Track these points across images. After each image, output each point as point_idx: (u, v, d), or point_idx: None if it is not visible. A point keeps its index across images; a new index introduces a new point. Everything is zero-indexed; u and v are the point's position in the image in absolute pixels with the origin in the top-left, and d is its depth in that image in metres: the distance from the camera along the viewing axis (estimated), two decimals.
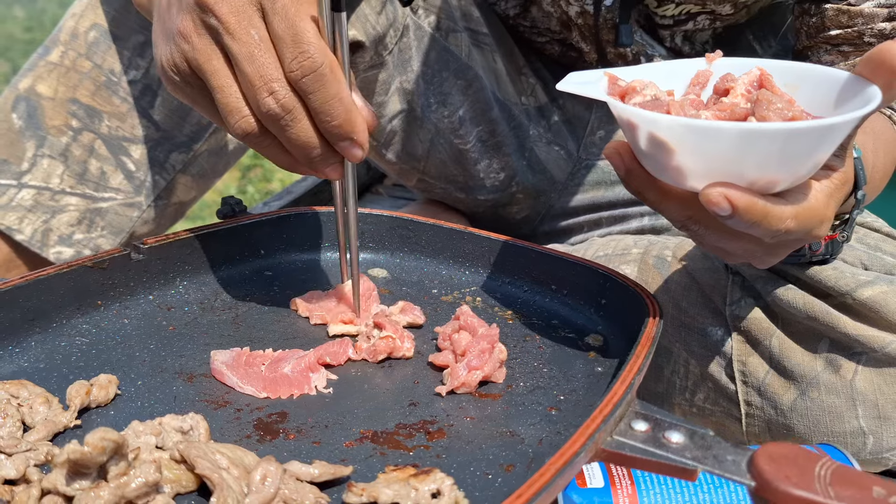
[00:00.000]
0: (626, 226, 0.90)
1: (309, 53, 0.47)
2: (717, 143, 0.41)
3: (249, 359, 0.54)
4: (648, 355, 0.47)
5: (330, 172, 0.52)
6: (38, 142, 0.78)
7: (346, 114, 0.49)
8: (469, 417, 0.50)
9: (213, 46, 0.48)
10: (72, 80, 0.79)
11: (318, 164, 0.51)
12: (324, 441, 0.47)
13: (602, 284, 0.61)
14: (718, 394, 0.71)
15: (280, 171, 2.32)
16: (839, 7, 0.73)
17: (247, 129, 0.49)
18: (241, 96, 0.49)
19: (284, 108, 0.48)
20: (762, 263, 0.52)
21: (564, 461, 0.37)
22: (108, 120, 0.79)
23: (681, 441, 0.40)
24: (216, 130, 0.84)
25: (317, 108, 0.48)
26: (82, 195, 0.80)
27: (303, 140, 0.49)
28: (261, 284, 0.67)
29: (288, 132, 0.49)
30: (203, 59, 0.48)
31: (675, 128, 0.42)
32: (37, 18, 4.58)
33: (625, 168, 0.48)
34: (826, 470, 0.37)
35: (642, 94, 0.48)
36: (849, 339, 0.65)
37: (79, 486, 0.38)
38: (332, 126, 0.49)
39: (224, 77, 0.48)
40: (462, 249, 0.69)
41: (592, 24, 0.82)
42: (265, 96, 0.47)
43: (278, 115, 0.48)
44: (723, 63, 0.51)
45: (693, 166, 0.43)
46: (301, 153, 0.50)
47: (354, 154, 0.51)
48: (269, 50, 0.48)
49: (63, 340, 0.56)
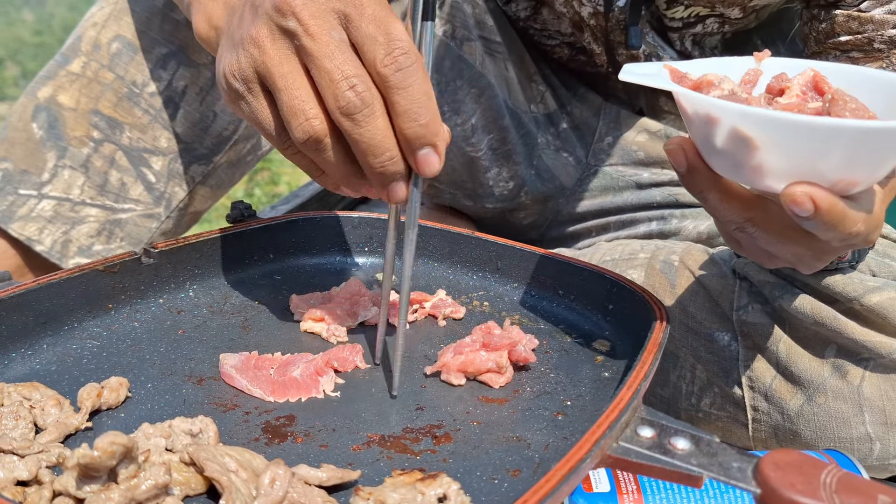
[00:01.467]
0: (634, 230, 0.90)
1: (403, 49, 0.46)
2: (813, 140, 0.40)
3: (258, 362, 0.55)
4: (655, 361, 0.47)
5: (395, 191, 0.48)
6: (59, 152, 0.78)
7: (433, 116, 0.46)
8: (476, 422, 0.50)
9: (286, 51, 0.47)
10: (94, 91, 0.79)
11: (385, 176, 0.48)
12: (331, 445, 0.47)
13: (609, 290, 0.61)
14: (725, 399, 0.71)
15: (287, 174, 2.33)
16: (849, 13, 0.73)
17: (311, 132, 0.47)
18: (310, 97, 0.47)
19: (364, 102, 0.45)
20: (808, 269, 0.52)
21: (570, 467, 0.37)
22: (130, 131, 0.80)
23: (686, 447, 0.40)
24: (235, 143, 0.84)
25: (404, 107, 0.46)
26: (102, 206, 0.80)
27: (377, 139, 0.46)
28: (270, 288, 0.67)
29: (363, 128, 0.46)
30: (274, 63, 0.47)
31: (770, 123, 0.40)
32: (45, 22, 4.61)
33: (687, 165, 0.47)
34: (832, 477, 0.37)
35: (720, 87, 0.46)
36: (856, 344, 0.65)
37: (89, 489, 0.38)
38: (416, 126, 0.46)
39: (294, 78, 0.47)
40: (469, 254, 0.69)
41: (604, 25, 0.82)
42: (345, 89, 0.45)
43: (357, 107, 0.45)
44: (772, 63, 0.50)
45: (776, 164, 0.42)
46: (372, 158, 0.47)
47: (432, 165, 0.47)
48: (349, 50, 0.46)
49: (74, 343, 0.57)
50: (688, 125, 0.47)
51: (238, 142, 0.84)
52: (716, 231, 0.87)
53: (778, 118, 0.40)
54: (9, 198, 0.78)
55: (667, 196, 0.90)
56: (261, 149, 0.89)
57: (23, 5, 4.90)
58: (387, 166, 0.47)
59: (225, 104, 0.53)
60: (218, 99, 0.82)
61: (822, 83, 0.46)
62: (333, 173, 0.50)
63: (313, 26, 0.46)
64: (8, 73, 3.60)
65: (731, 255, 0.75)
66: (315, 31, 0.46)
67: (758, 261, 0.53)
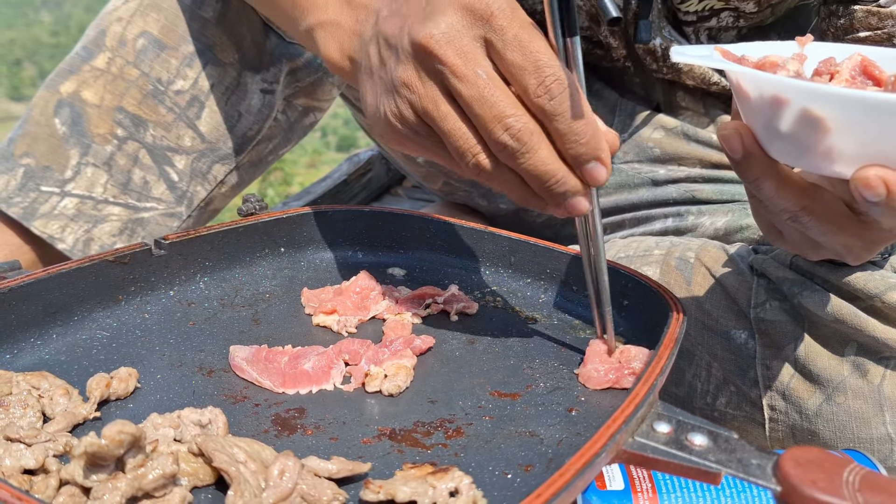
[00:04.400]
0: (649, 227, 0.89)
1: (556, 76, 0.46)
2: (891, 122, 0.38)
3: (269, 354, 0.54)
4: (671, 356, 0.47)
5: (575, 206, 0.49)
6: (83, 150, 0.78)
7: (594, 133, 0.47)
8: (488, 417, 0.49)
9: (437, 91, 0.47)
10: (118, 88, 0.78)
11: (560, 196, 0.48)
12: (341, 437, 0.47)
13: (624, 285, 0.60)
14: (741, 398, 0.70)
15: (300, 174, 2.34)
16: (868, 9, 0.72)
17: (481, 167, 0.48)
18: (472, 135, 0.47)
19: (520, 142, 0.46)
20: (856, 259, 0.51)
21: (585, 461, 0.36)
22: (154, 129, 0.79)
23: (704, 443, 0.39)
24: (259, 143, 0.84)
25: (564, 131, 0.47)
26: (125, 205, 0.79)
27: (542, 169, 0.47)
28: (281, 282, 0.67)
29: (526, 164, 0.47)
30: (431, 106, 0.47)
31: (853, 103, 0.39)
32: (63, 23, 4.67)
33: (743, 151, 0.45)
34: (854, 476, 0.36)
35: (785, 68, 0.44)
36: (877, 342, 0.64)
37: (96, 478, 0.38)
38: (579, 146, 0.47)
39: (453, 120, 0.47)
40: (482, 249, 0.69)
41: (623, 18, 0.81)
42: (500, 133, 0.46)
43: (515, 149, 0.46)
44: (815, 47, 0.49)
45: (847, 148, 0.40)
46: (541, 184, 0.48)
47: (600, 176, 0.48)
48: (498, 86, 0.46)
49: (84, 334, 0.57)
50: (745, 109, 0.45)
51: (261, 142, 0.84)
52: (733, 227, 0.86)
53: (864, 98, 0.39)
54: (31, 195, 0.77)
55: (683, 192, 0.88)
56: (282, 149, 0.89)
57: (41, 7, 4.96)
58: (555, 189, 0.48)
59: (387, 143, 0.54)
60: (242, 99, 0.81)
61: (871, 67, 0.45)
62: (513, 197, 0.50)
63: (459, 66, 0.46)
64: (26, 74, 3.63)
65: (749, 251, 0.74)
66: (461, 71, 0.46)
67: (801, 252, 0.52)
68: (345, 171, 1.43)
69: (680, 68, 0.84)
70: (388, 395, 0.51)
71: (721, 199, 0.87)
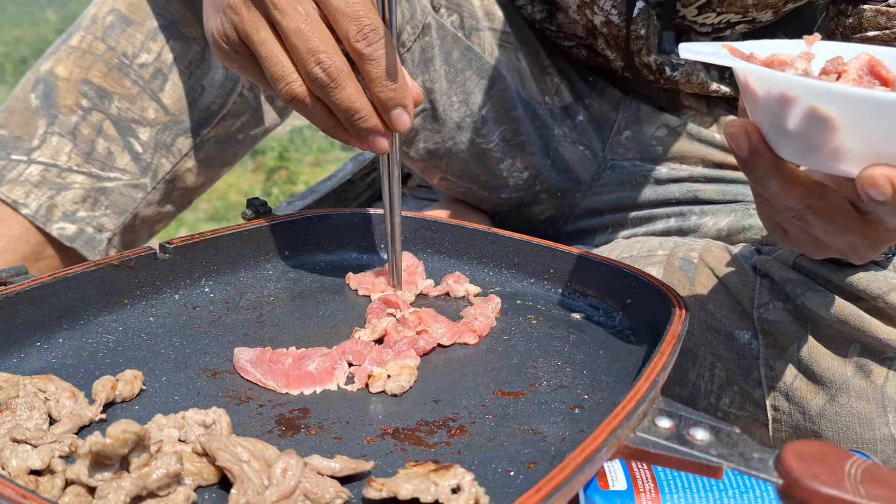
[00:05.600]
0: (652, 227, 0.89)
1: (374, 25, 0.51)
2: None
3: (273, 356, 0.54)
4: (673, 353, 0.47)
5: (375, 143, 0.55)
6: (50, 120, 0.80)
7: (401, 81, 0.53)
8: (491, 415, 0.49)
9: (260, 18, 0.52)
10: (86, 62, 0.80)
11: (364, 131, 0.55)
12: (345, 437, 0.47)
13: (627, 284, 0.61)
14: (744, 398, 0.70)
15: (305, 173, 2.35)
16: (877, 8, 0.72)
17: (293, 94, 0.53)
18: (288, 64, 0.53)
19: (330, 76, 0.52)
20: (860, 258, 0.51)
21: (586, 456, 0.36)
22: (118, 101, 0.80)
23: (706, 438, 0.39)
24: (224, 118, 0.85)
25: (376, 75, 0.53)
26: (88, 174, 0.81)
27: (348, 105, 0.53)
28: (285, 285, 0.67)
29: (334, 97, 0.53)
30: (252, 30, 0.53)
31: (861, 102, 0.39)
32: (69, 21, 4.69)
33: (749, 149, 0.45)
34: (857, 468, 0.36)
35: (794, 67, 0.45)
36: (880, 343, 0.64)
37: (101, 477, 0.38)
38: (389, 90, 0.53)
39: (271, 46, 0.53)
40: (486, 250, 0.69)
41: (617, 34, 0.82)
42: (313, 66, 0.51)
43: (325, 82, 0.52)
44: (823, 46, 0.49)
45: (854, 147, 0.40)
46: (346, 117, 0.54)
47: (404, 122, 0.55)
48: (315, 25, 0.52)
49: (90, 337, 0.57)
50: (752, 107, 0.45)
51: (227, 117, 0.85)
52: (736, 228, 0.86)
53: (872, 97, 0.39)
54: (1, 163, 0.79)
55: (686, 192, 0.89)
56: (253, 129, 0.90)
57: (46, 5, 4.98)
58: (359, 124, 0.54)
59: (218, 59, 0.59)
60: (206, 73, 0.83)
61: (878, 67, 0.45)
62: (320, 126, 0.56)
63: (280, 1, 0.51)
64: None
65: (752, 252, 0.74)
66: (282, 4, 0.51)
67: (806, 251, 0.52)
68: (349, 170, 1.44)
69: (677, 80, 0.84)
70: (392, 395, 0.52)
71: (724, 199, 0.88)
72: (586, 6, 0.82)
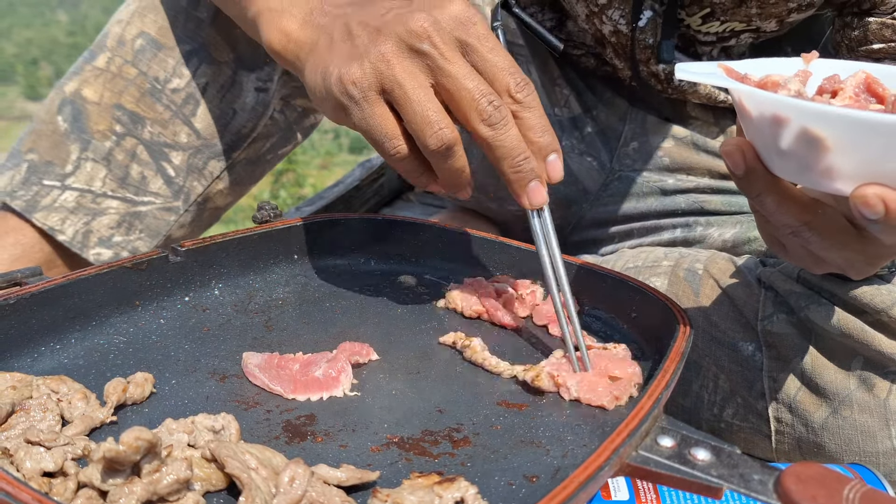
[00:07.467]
0: (658, 237, 0.90)
1: (526, 78, 0.54)
2: (890, 141, 0.39)
3: (281, 361, 0.55)
4: (677, 371, 0.47)
5: (534, 192, 0.55)
6: (83, 145, 0.80)
7: (552, 130, 0.55)
8: (495, 427, 0.50)
9: (415, 69, 0.53)
10: (117, 86, 0.81)
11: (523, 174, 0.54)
12: (350, 445, 0.48)
13: (632, 297, 0.61)
14: (748, 410, 0.70)
15: (312, 175, 2.36)
16: (883, 20, 0.72)
17: (445, 140, 0.53)
18: (442, 109, 0.53)
19: (502, 114, 0.53)
20: (858, 274, 0.52)
21: (588, 474, 0.37)
22: (151, 126, 0.81)
23: (707, 458, 0.40)
24: (254, 140, 0.86)
25: (534, 122, 0.54)
26: (123, 199, 0.82)
27: (514, 143, 0.53)
28: (294, 289, 0.68)
29: (503, 135, 0.53)
30: (405, 78, 0.52)
31: (850, 123, 0.39)
32: (80, 23, 4.70)
33: (745, 168, 0.46)
34: (855, 493, 0.37)
35: (787, 88, 0.45)
36: (883, 357, 0.64)
37: (113, 482, 0.39)
38: (548, 135, 0.54)
39: (426, 93, 0.52)
40: (492, 259, 0.70)
41: (625, 43, 0.82)
42: (486, 105, 0.52)
43: (498, 118, 0.53)
44: (820, 64, 0.50)
45: (846, 166, 0.41)
46: (511, 157, 0.54)
47: (559, 170, 0.55)
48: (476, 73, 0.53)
49: (102, 338, 0.58)
50: (747, 126, 0.45)
51: (256, 140, 0.86)
52: (741, 239, 0.86)
53: (862, 118, 0.39)
54: (33, 188, 0.80)
55: (692, 203, 0.89)
56: (281, 148, 0.90)
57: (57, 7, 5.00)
58: (523, 165, 0.54)
59: (319, 107, 0.58)
60: (237, 97, 0.83)
61: (875, 85, 0.45)
62: (453, 179, 0.56)
63: (448, 52, 0.52)
64: (42, 73, 3.67)
65: (757, 263, 0.74)
66: (450, 56, 0.52)
67: (804, 266, 0.53)
68: (357, 176, 1.44)
69: (685, 88, 0.84)
70: (398, 399, 0.52)
71: (729, 210, 0.88)
72: (595, 15, 0.82)
